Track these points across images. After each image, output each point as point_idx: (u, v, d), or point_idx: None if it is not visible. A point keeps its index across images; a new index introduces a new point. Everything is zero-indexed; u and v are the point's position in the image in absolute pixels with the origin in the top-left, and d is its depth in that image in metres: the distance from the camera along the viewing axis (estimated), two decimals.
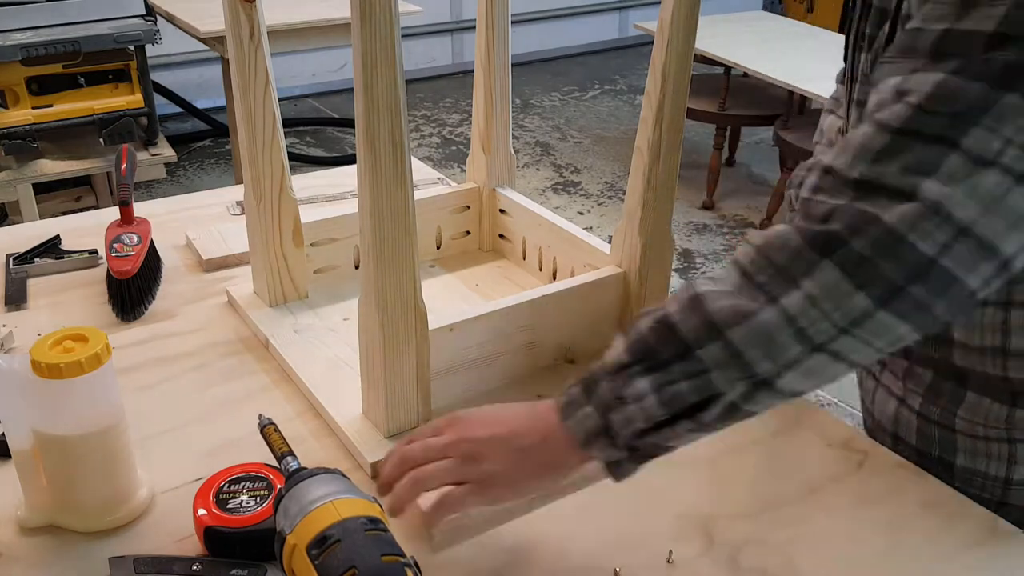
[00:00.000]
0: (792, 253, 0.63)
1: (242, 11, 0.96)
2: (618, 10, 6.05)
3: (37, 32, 2.46)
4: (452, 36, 5.45)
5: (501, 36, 1.15)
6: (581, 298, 1.01)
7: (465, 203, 1.27)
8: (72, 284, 1.20)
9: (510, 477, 0.73)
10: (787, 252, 0.63)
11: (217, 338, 1.09)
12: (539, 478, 0.74)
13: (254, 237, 1.10)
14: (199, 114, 4.34)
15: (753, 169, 4.25)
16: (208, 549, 0.76)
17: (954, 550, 0.80)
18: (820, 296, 0.61)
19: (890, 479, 0.88)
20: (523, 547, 0.80)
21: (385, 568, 0.60)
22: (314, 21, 2.93)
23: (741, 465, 0.91)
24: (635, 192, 0.98)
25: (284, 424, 0.87)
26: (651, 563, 0.78)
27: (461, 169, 4.03)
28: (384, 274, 0.82)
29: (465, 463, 0.73)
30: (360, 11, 0.71)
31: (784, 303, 0.62)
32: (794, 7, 5.91)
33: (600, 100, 5.12)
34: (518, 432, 0.73)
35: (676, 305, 0.67)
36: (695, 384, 0.65)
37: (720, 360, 0.64)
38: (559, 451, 0.72)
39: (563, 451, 0.72)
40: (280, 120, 1.04)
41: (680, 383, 0.66)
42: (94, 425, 0.77)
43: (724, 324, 0.64)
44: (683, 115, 0.94)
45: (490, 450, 0.73)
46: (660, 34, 0.89)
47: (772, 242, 0.65)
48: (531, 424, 0.73)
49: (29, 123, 2.49)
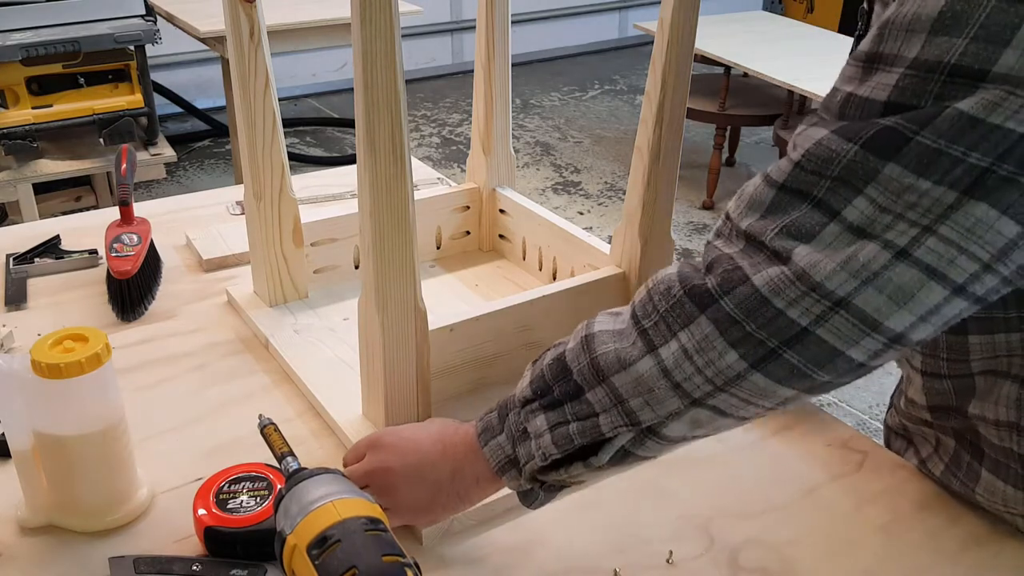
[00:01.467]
0: (673, 302, 0.61)
1: (242, 11, 0.96)
2: (618, 10, 6.04)
3: (37, 32, 2.46)
4: (452, 36, 5.44)
5: (501, 36, 1.15)
6: (581, 298, 1.01)
7: (465, 203, 1.27)
8: (72, 284, 1.20)
9: (421, 508, 0.76)
10: (669, 300, 0.62)
11: (217, 338, 1.09)
12: (450, 508, 0.76)
13: (254, 237, 1.10)
14: (199, 114, 4.34)
15: (753, 169, 4.25)
16: (208, 549, 0.76)
17: (954, 550, 0.80)
18: (693, 350, 0.60)
19: (890, 479, 0.88)
20: (523, 547, 0.80)
21: (385, 568, 0.60)
22: (314, 21, 2.93)
23: (741, 465, 0.91)
24: (635, 192, 0.98)
25: (284, 424, 0.87)
26: (651, 563, 0.78)
27: (461, 169, 4.03)
28: (384, 274, 0.82)
29: (380, 493, 0.74)
30: (360, 11, 0.71)
31: (661, 353, 0.61)
32: (794, 7, 5.92)
33: (600, 100, 5.12)
34: (430, 462, 0.75)
35: (574, 341, 0.68)
36: (584, 426, 0.66)
37: (606, 405, 0.65)
38: (470, 481, 0.74)
39: (474, 481, 0.73)
40: (280, 120, 1.04)
41: (572, 424, 0.66)
42: (94, 425, 0.77)
43: (608, 369, 0.64)
44: (683, 115, 0.94)
45: (402, 482, 0.75)
46: (660, 34, 0.89)
47: (658, 286, 0.63)
48: (443, 454, 0.75)
49: (29, 123, 2.49)
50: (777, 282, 0.57)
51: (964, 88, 0.53)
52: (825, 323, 0.56)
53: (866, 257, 0.55)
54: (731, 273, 0.59)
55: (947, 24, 0.53)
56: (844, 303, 0.56)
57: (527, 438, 0.69)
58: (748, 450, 0.93)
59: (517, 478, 0.71)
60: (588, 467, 0.67)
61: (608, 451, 0.66)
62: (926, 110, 0.54)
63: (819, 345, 0.57)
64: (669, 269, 0.64)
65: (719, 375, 0.60)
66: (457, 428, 0.76)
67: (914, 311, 0.56)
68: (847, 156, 0.56)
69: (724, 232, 0.63)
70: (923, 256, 0.54)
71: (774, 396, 0.60)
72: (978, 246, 0.54)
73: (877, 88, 0.56)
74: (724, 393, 0.61)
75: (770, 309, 0.57)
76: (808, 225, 0.57)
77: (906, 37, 0.55)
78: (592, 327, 0.67)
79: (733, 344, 0.58)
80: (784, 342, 0.57)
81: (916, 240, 0.54)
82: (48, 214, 2.67)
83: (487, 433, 0.72)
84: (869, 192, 0.55)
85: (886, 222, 0.55)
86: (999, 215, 0.53)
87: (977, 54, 0.52)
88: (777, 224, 0.58)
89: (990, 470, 0.78)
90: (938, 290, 0.55)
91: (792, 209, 0.58)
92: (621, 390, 0.64)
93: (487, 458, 0.71)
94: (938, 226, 0.54)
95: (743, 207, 0.61)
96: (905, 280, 0.55)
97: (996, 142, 0.52)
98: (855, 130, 0.56)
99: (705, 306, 0.59)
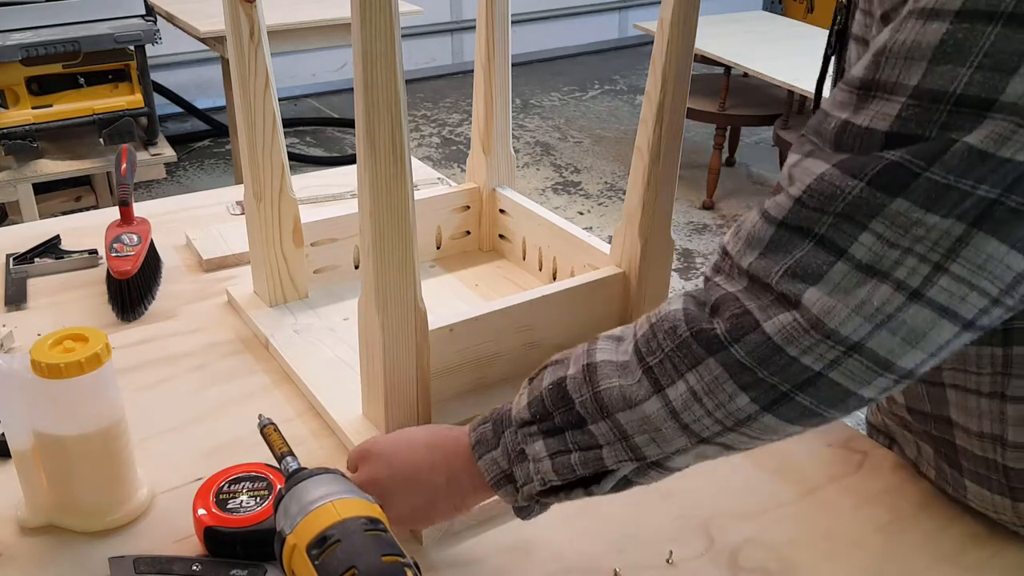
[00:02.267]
0: (679, 342, 0.60)
1: (242, 11, 0.96)
2: (618, 10, 6.05)
3: (37, 32, 2.46)
4: (452, 36, 5.45)
5: (501, 36, 1.15)
6: (581, 298, 1.01)
7: (465, 203, 1.27)
8: (72, 284, 1.20)
9: (417, 516, 0.75)
10: (674, 340, 0.61)
11: (217, 338, 1.09)
12: (446, 514, 0.76)
13: (254, 237, 1.10)
14: (199, 114, 4.34)
15: (753, 169, 4.25)
16: (208, 549, 0.76)
17: (953, 550, 0.80)
18: (703, 393, 0.59)
19: (890, 479, 0.88)
20: (523, 547, 0.80)
21: (385, 568, 0.60)
22: (314, 21, 2.93)
23: (741, 465, 0.91)
24: (635, 192, 0.98)
25: (284, 424, 0.87)
26: (651, 563, 0.78)
27: (461, 169, 4.03)
28: (384, 274, 0.82)
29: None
30: (360, 11, 0.71)
31: (669, 394, 0.61)
32: (794, 7, 5.92)
33: (600, 100, 5.12)
34: (422, 472, 0.74)
35: (574, 368, 0.67)
36: (586, 457, 0.65)
37: (610, 439, 0.64)
38: (464, 491, 0.73)
39: (469, 490, 0.73)
40: (280, 120, 1.04)
41: (573, 454, 0.66)
42: (94, 425, 0.77)
43: (612, 406, 0.63)
44: (683, 115, 0.94)
45: (394, 492, 0.74)
46: (660, 34, 0.89)
47: (662, 323, 0.62)
48: (436, 462, 0.74)
49: (29, 123, 2.50)
50: (790, 330, 0.56)
51: (971, 118, 0.51)
52: (838, 367, 0.56)
53: (880, 300, 0.54)
54: (740, 319, 0.58)
55: (949, 52, 0.52)
56: (858, 347, 0.55)
57: (525, 459, 0.68)
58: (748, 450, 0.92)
59: (514, 494, 0.70)
60: (589, 494, 0.68)
61: (610, 481, 0.66)
62: (933, 143, 0.52)
63: (832, 388, 0.57)
64: (673, 305, 0.63)
65: (729, 417, 0.59)
66: (448, 434, 0.76)
67: (926, 350, 0.55)
68: (852, 193, 0.54)
69: (724, 268, 0.61)
70: (936, 296, 0.53)
71: (782, 432, 0.61)
72: (988, 282, 0.53)
73: (877, 117, 0.55)
74: (733, 433, 0.60)
75: (783, 357, 0.56)
76: (814, 265, 0.56)
77: (905, 65, 0.54)
78: (594, 355, 0.66)
79: (744, 388, 0.58)
80: (796, 386, 0.57)
81: (928, 280, 0.53)
82: (48, 214, 2.67)
83: (481, 446, 0.71)
84: (875, 227, 0.54)
85: (895, 258, 0.53)
86: (1008, 249, 0.52)
87: (983, 83, 0.51)
88: (781, 265, 0.57)
89: (973, 480, 0.78)
90: (949, 327, 0.54)
91: (794, 248, 0.57)
92: (627, 427, 0.63)
93: (482, 471, 0.71)
94: (948, 263, 0.53)
95: (741, 244, 0.60)
96: (918, 321, 0.54)
97: (1005, 174, 0.51)
98: (859, 165, 0.54)
99: (714, 351, 0.58)
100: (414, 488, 0.74)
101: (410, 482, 0.74)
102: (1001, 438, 0.73)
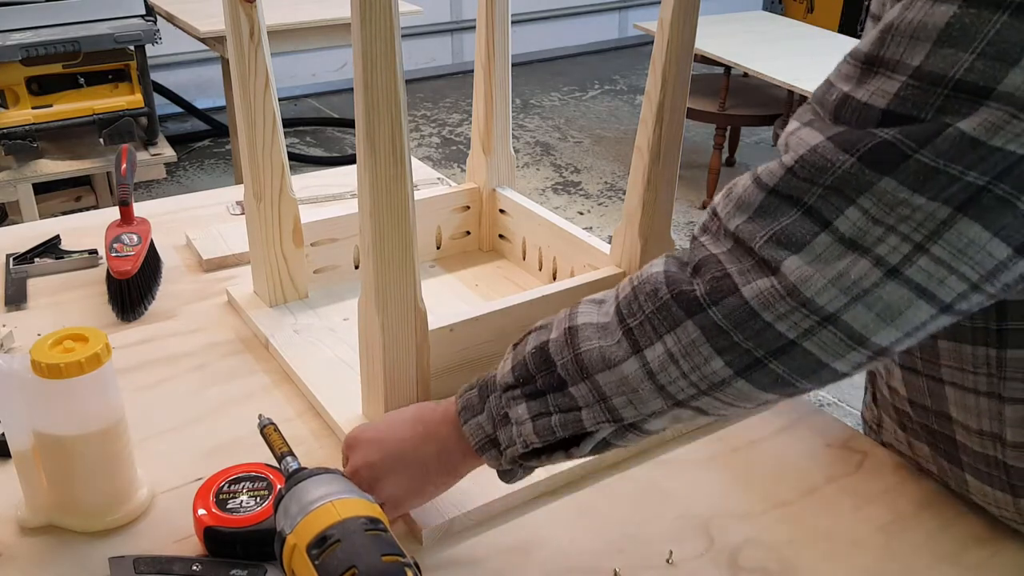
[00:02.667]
0: (660, 304, 0.61)
1: (242, 11, 0.96)
2: (618, 10, 6.05)
3: (37, 32, 2.46)
4: (452, 36, 5.45)
5: (501, 36, 1.15)
6: (581, 298, 1.01)
7: (465, 203, 1.27)
8: (72, 284, 1.20)
9: (412, 492, 0.76)
10: (655, 302, 0.62)
11: (217, 338, 1.09)
12: (440, 485, 0.77)
13: (254, 237, 1.10)
14: (199, 114, 4.34)
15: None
16: (208, 549, 0.76)
17: (954, 550, 0.80)
18: (679, 355, 0.60)
19: (890, 479, 0.88)
20: (523, 547, 0.80)
21: (385, 568, 0.60)
22: (314, 21, 2.93)
23: (741, 465, 0.91)
24: (635, 192, 0.98)
25: (284, 424, 0.87)
26: (651, 563, 0.78)
27: (461, 169, 4.03)
28: (384, 274, 0.82)
29: (369, 489, 0.73)
30: (360, 11, 0.71)
31: (647, 355, 0.62)
32: (794, 7, 5.92)
33: (600, 100, 5.12)
34: (412, 446, 0.75)
35: (557, 331, 0.68)
36: (566, 419, 0.66)
37: (589, 400, 0.65)
38: (455, 458, 0.74)
39: (459, 457, 0.74)
40: (280, 120, 1.04)
41: (554, 416, 0.67)
42: (94, 425, 0.77)
43: (592, 367, 0.64)
44: (683, 115, 0.94)
45: (387, 472, 0.75)
46: (660, 34, 0.89)
47: (644, 285, 0.63)
48: (424, 435, 0.75)
49: (29, 123, 2.49)
50: (767, 295, 0.56)
51: (967, 104, 0.52)
52: (812, 337, 0.56)
53: (857, 274, 0.54)
54: (720, 281, 0.58)
55: (954, 36, 0.52)
56: (833, 319, 0.55)
57: (508, 423, 0.69)
58: (748, 450, 0.93)
59: (497, 458, 0.72)
60: (569, 456, 0.69)
61: (589, 443, 0.68)
62: (926, 125, 0.53)
63: (805, 357, 0.57)
64: (655, 266, 0.64)
65: (704, 380, 0.60)
66: (435, 407, 0.77)
67: (901, 328, 0.56)
68: (842, 167, 0.55)
69: (711, 229, 0.62)
70: (914, 275, 0.54)
71: (756, 400, 0.61)
72: (968, 267, 0.54)
73: (876, 94, 0.55)
74: (707, 396, 0.61)
75: (758, 322, 0.57)
76: (799, 234, 0.56)
77: (910, 44, 0.54)
78: (575, 318, 0.68)
79: (719, 351, 0.59)
80: (770, 353, 0.57)
81: (908, 259, 0.54)
82: (48, 214, 2.67)
83: (467, 412, 0.73)
84: (862, 203, 0.54)
85: (877, 235, 0.54)
86: (991, 236, 0.53)
87: (983, 71, 0.51)
88: (766, 230, 0.57)
89: (974, 476, 0.79)
90: (926, 308, 0.55)
91: (781, 215, 0.57)
92: (605, 388, 0.64)
93: (467, 436, 0.72)
94: (930, 244, 0.53)
95: (731, 206, 0.61)
96: (895, 299, 0.54)
97: (995, 162, 0.51)
98: (852, 140, 0.55)
99: (692, 313, 0.59)
100: (406, 464, 0.75)
101: (401, 459, 0.75)
102: (1000, 436, 0.73)
